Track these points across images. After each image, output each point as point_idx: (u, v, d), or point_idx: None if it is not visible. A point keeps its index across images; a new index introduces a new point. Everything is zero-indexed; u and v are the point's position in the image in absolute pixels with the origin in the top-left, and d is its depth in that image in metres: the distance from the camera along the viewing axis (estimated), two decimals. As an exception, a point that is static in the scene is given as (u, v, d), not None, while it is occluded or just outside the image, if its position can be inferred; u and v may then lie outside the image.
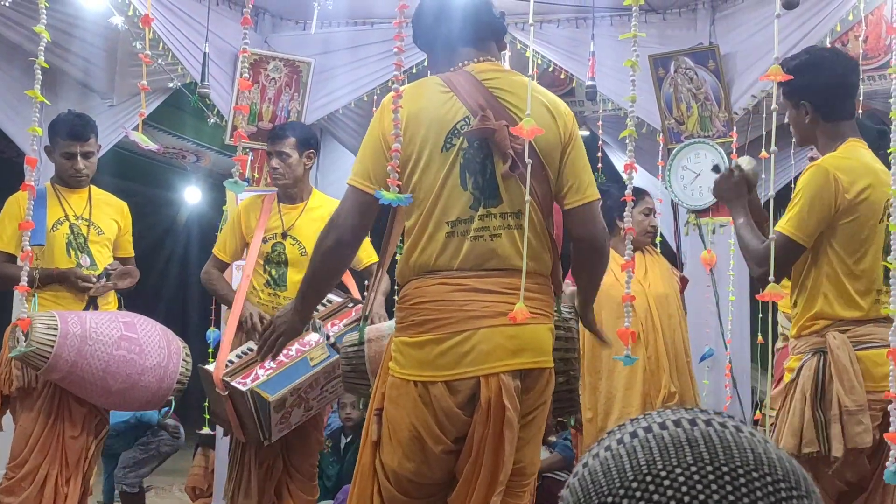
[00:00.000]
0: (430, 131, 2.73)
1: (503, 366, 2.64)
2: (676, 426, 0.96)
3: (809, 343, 3.22)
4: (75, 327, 4.11)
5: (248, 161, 6.41)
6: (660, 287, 4.98)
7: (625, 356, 2.88)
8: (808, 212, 3.12)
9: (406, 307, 2.74)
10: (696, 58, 6.26)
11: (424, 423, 2.64)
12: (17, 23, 6.25)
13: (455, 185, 2.70)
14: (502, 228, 2.70)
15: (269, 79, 6.74)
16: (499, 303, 2.64)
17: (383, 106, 2.79)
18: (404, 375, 2.68)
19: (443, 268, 2.69)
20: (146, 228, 10.64)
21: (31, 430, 4.30)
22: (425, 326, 2.66)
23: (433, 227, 2.70)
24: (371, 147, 2.78)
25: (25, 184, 3.64)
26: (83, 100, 6.96)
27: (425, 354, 2.65)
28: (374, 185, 2.70)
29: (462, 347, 2.62)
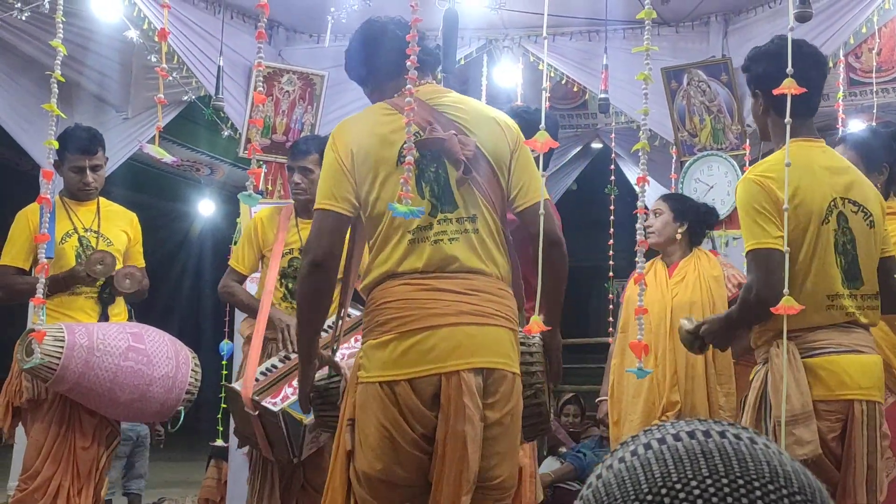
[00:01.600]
0: (383, 149, 2.84)
1: (464, 363, 2.69)
2: (691, 438, 0.95)
3: (762, 354, 3.15)
4: (83, 339, 4.12)
5: (262, 174, 6.43)
6: (686, 295, 4.82)
7: (637, 369, 2.87)
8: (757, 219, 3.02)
9: (370, 311, 2.81)
10: (708, 70, 6.27)
11: (393, 421, 2.68)
12: (32, 36, 6.29)
13: (414, 197, 2.76)
14: (459, 233, 2.80)
15: (283, 92, 6.77)
16: (460, 302, 2.72)
17: (332, 138, 2.94)
18: (370, 379, 2.72)
19: (406, 271, 2.77)
20: (160, 241, 10.71)
21: (43, 442, 4.32)
22: (388, 325, 2.73)
23: (397, 237, 2.79)
24: (329, 170, 2.88)
25: (41, 196, 3.67)
26: (98, 113, 7.00)
27: (389, 353, 2.70)
28: (339, 204, 2.83)
29: (424, 345, 2.69)
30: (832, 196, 3.09)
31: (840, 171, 3.19)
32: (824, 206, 3.08)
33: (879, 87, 5.78)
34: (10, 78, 6.56)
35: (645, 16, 2.92)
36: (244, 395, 4.17)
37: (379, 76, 3.11)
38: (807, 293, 3.02)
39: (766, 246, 3.00)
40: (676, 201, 5.07)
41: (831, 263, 3.08)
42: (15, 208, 4.60)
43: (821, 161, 3.17)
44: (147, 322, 4.60)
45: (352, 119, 3.05)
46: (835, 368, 3.02)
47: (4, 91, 6.55)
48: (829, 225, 3.08)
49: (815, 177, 3.10)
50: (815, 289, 3.05)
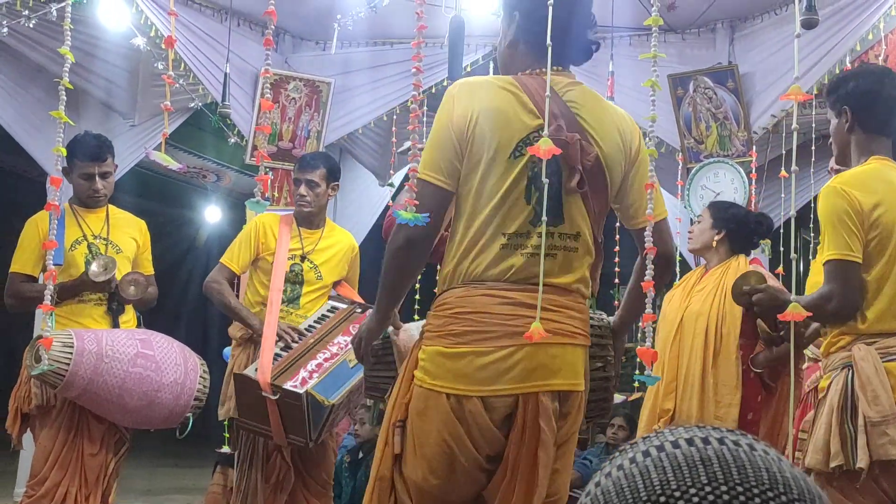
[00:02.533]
0: (502, 134, 2.57)
1: (543, 386, 2.54)
2: (689, 445, 0.95)
3: (838, 359, 3.17)
4: (91, 345, 4.12)
5: (269, 181, 6.44)
6: (698, 305, 4.84)
7: (646, 376, 2.87)
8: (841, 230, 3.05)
9: (445, 315, 2.58)
10: (715, 77, 6.27)
11: (457, 438, 2.51)
12: (39, 44, 6.32)
13: (519, 198, 2.57)
14: (558, 249, 2.60)
15: (290, 99, 6.79)
16: (545, 320, 2.49)
17: (452, 96, 2.63)
18: (435, 387, 2.54)
19: (490, 279, 2.57)
20: (167, 247, 10.72)
21: (51, 448, 4.32)
22: (466, 338, 2.53)
23: (489, 236, 2.57)
24: (441, 139, 2.60)
25: (50, 203, 3.67)
26: (105, 120, 7.03)
27: (463, 367, 2.51)
28: (446, 180, 2.58)
29: (504, 363, 2.51)
30: None
31: None
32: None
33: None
34: (17, 85, 6.59)
35: (652, 23, 2.91)
36: (262, 379, 4.21)
37: (525, 38, 2.72)
38: (885, 300, 3.10)
39: (848, 258, 3.03)
40: (718, 209, 5.00)
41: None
42: (23, 216, 4.61)
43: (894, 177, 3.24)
44: (154, 328, 4.61)
45: (477, 83, 2.68)
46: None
47: (12, 99, 6.58)
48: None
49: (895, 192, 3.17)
50: (893, 297, 3.11)
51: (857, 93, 3.25)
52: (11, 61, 6.51)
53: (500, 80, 2.68)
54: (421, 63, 2.91)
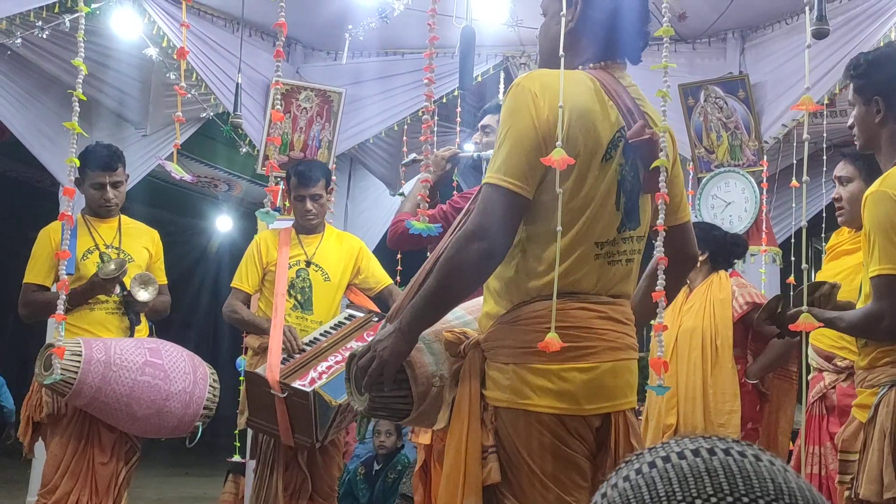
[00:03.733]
0: (594, 136, 2.37)
1: (628, 402, 2.44)
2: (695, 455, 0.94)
3: (886, 374, 2.92)
4: (100, 353, 4.14)
5: (280, 191, 6.46)
6: (691, 321, 4.95)
7: (657, 385, 2.86)
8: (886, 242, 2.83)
9: (540, 331, 2.33)
10: (725, 87, 6.27)
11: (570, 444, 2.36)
12: (53, 54, 6.36)
13: (611, 204, 2.40)
14: (636, 254, 2.49)
15: (301, 108, 6.81)
16: (625, 335, 2.44)
17: (532, 93, 2.35)
18: (535, 407, 2.35)
19: (584, 291, 2.40)
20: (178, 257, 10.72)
21: (62, 456, 4.33)
22: (567, 354, 2.32)
23: (584, 246, 2.39)
24: (524, 141, 2.32)
25: (63, 213, 3.68)
26: (117, 130, 7.06)
27: (564, 384, 2.35)
28: (528, 188, 2.32)
29: (602, 380, 2.37)
30: None
31: None
32: None
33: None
34: (30, 96, 6.63)
35: (663, 33, 2.91)
36: (271, 377, 4.26)
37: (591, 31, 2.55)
38: None
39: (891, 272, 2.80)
40: (702, 230, 5.07)
41: None
42: (35, 225, 4.64)
43: None
44: (165, 337, 4.62)
45: (556, 78, 2.37)
46: None
47: (25, 109, 6.61)
48: None
49: None
50: None
51: (891, 79, 3.01)
52: (25, 72, 6.55)
53: (579, 74, 2.46)
54: (432, 73, 2.91)
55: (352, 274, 4.95)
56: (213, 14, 6.56)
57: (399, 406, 2.53)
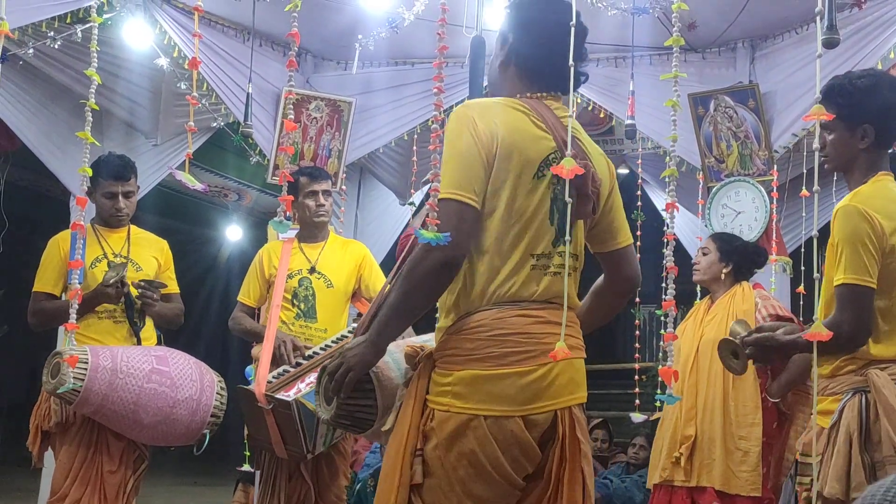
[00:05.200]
0: (526, 154, 2.56)
1: (575, 399, 2.60)
2: None
3: (848, 382, 3.06)
4: (106, 361, 4.14)
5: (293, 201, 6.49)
6: (713, 333, 4.93)
7: (667, 395, 2.86)
8: (862, 255, 2.95)
9: (482, 338, 2.53)
10: (735, 96, 6.27)
11: (494, 459, 2.49)
12: (65, 65, 6.39)
13: (545, 219, 2.58)
14: (572, 269, 2.63)
15: (311, 118, 6.83)
16: (569, 336, 2.57)
17: (470, 116, 2.59)
18: (470, 410, 2.49)
19: (523, 299, 2.56)
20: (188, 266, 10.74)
21: (71, 465, 4.34)
22: (508, 359, 2.51)
23: (521, 258, 2.56)
24: (468, 156, 2.53)
25: (75, 223, 3.70)
26: (128, 139, 7.09)
27: (506, 388, 2.50)
28: (477, 199, 2.51)
29: (543, 381, 2.52)
30: None
31: None
32: None
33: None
34: (42, 106, 6.66)
35: (673, 43, 2.92)
36: (257, 391, 4.30)
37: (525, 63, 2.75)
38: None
39: (866, 283, 2.94)
40: (724, 241, 5.23)
41: None
42: (46, 234, 4.65)
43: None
44: (174, 346, 4.63)
45: (491, 103, 2.66)
46: None
47: (37, 118, 6.64)
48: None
49: None
50: None
51: (883, 108, 3.12)
52: (37, 82, 6.58)
53: (510, 101, 2.67)
54: (442, 83, 2.92)
55: (356, 280, 4.96)
56: (224, 24, 6.58)
57: (363, 416, 2.67)
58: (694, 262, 5.24)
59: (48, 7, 5.62)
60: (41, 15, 5.67)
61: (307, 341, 4.77)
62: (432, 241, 2.43)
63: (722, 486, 4.75)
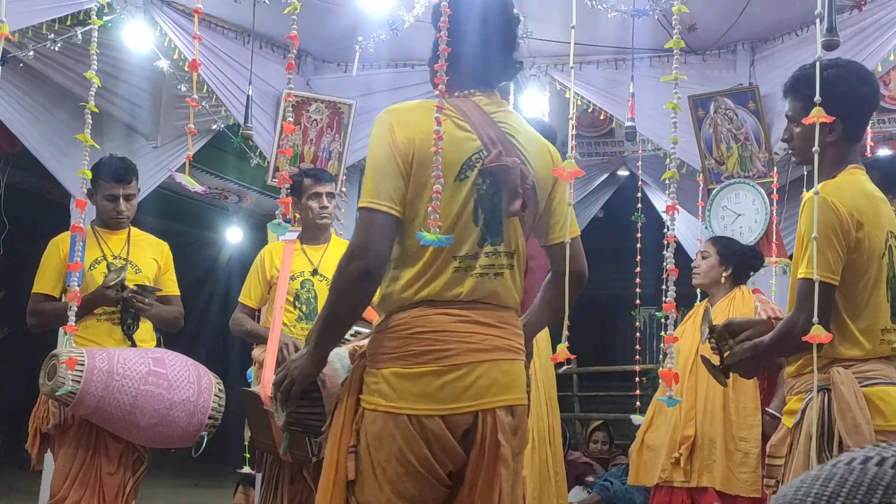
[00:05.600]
0: (447, 157, 2.56)
1: (499, 401, 2.57)
2: None
3: (812, 381, 2.98)
4: (102, 363, 4.14)
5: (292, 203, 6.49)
6: None
7: (668, 397, 2.86)
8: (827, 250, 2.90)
9: (402, 336, 2.57)
10: (735, 98, 6.27)
11: (421, 457, 2.52)
12: (65, 67, 6.39)
13: (469, 220, 2.60)
14: (505, 268, 2.64)
15: (311, 120, 6.83)
16: (496, 336, 2.59)
17: (388, 122, 2.60)
18: (394, 408, 2.53)
19: (446, 300, 2.58)
20: (188, 268, 10.74)
21: (70, 467, 4.35)
22: (425, 357, 2.54)
23: (442, 260, 2.58)
24: (384, 165, 2.56)
25: (74, 225, 3.70)
26: (128, 141, 7.09)
27: (423, 387, 2.52)
28: (394, 206, 2.54)
29: (463, 381, 2.53)
30: (888, 229, 3.03)
31: (885, 201, 3.12)
32: (883, 239, 3.01)
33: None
34: (42, 108, 6.66)
35: (673, 45, 2.92)
36: (263, 393, 4.27)
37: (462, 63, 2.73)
38: (865, 325, 2.99)
39: (828, 280, 2.89)
40: (724, 245, 5.25)
41: (884, 297, 3.03)
42: (46, 236, 4.65)
43: (873, 190, 3.09)
44: (174, 348, 4.63)
45: (412, 108, 2.68)
46: (888, 399, 2.96)
47: (37, 121, 6.64)
48: (885, 259, 3.02)
49: (877, 207, 3.03)
50: (873, 321, 3.00)
51: (851, 100, 3.06)
52: (37, 84, 6.58)
53: (433, 103, 2.65)
54: (443, 85, 2.92)
55: None
56: (224, 26, 6.59)
57: (312, 422, 2.76)
58: (693, 266, 5.25)
59: (48, 9, 5.62)
60: (41, 17, 5.67)
61: None
62: (434, 243, 2.47)
63: (722, 487, 4.76)
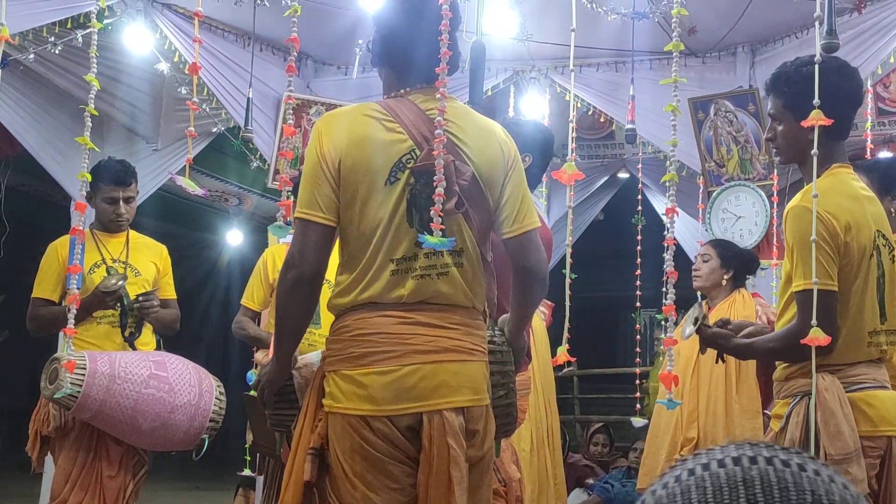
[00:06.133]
0: (374, 162, 2.58)
1: (446, 403, 2.55)
2: (735, 464, 0.92)
3: (798, 386, 2.98)
4: (104, 366, 4.14)
5: (292, 205, 6.48)
6: None
7: (667, 400, 2.86)
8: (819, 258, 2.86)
9: (344, 339, 2.61)
10: (735, 101, 6.27)
11: (381, 448, 2.53)
12: (65, 70, 6.39)
13: (402, 223, 2.58)
14: (450, 266, 2.61)
15: (312, 123, 6.83)
16: (442, 337, 2.57)
17: (319, 131, 2.63)
18: (344, 410, 2.56)
19: (387, 302, 2.59)
20: (188, 271, 10.75)
21: (70, 470, 4.34)
22: (367, 359, 2.55)
23: (379, 263, 2.59)
24: (312, 174, 2.60)
25: (74, 228, 3.70)
26: (128, 144, 7.09)
27: (366, 389, 2.53)
28: (325, 215, 2.58)
29: (405, 382, 2.53)
30: (874, 228, 3.00)
31: (873, 200, 3.08)
32: (870, 240, 2.98)
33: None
34: (43, 111, 6.66)
35: (673, 48, 2.92)
36: None
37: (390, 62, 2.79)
38: (853, 328, 2.95)
39: (826, 287, 2.86)
40: (724, 248, 5.27)
41: (873, 299, 2.99)
42: (46, 239, 4.65)
43: (860, 190, 3.06)
44: (175, 351, 4.63)
45: (341, 115, 2.70)
46: (876, 403, 2.93)
47: (38, 123, 6.64)
48: (873, 259, 2.99)
49: (862, 208, 2.99)
50: (861, 325, 2.96)
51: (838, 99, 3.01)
52: (37, 87, 6.58)
53: (364, 107, 2.69)
54: (443, 88, 2.92)
55: None
56: (224, 29, 6.59)
57: (291, 422, 2.80)
58: (694, 269, 5.25)
59: (49, 12, 5.63)
60: (42, 20, 5.67)
61: (311, 346, 4.76)
62: (436, 246, 2.47)
63: (725, 489, 4.76)
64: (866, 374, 2.97)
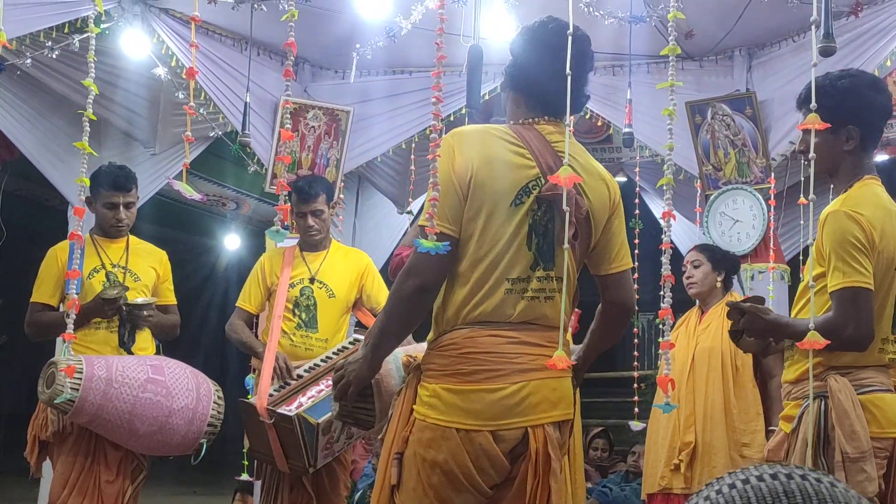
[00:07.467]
0: (503, 182, 2.68)
1: (548, 417, 2.66)
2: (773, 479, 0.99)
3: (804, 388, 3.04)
4: (101, 371, 4.14)
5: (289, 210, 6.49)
6: (708, 342, 4.99)
7: (664, 403, 2.86)
8: (857, 257, 2.93)
9: (453, 355, 2.68)
10: (733, 104, 6.27)
11: (464, 468, 2.61)
12: (63, 75, 6.40)
13: (522, 245, 2.69)
14: (555, 291, 2.72)
15: (309, 127, 6.83)
16: (544, 356, 2.64)
17: (451, 146, 2.71)
18: (443, 422, 2.64)
19: (497, 321, 2.67)
20: (186, 275, 10.74)
21: (68, 474, 4.34)
22: (476, 377, 2.64)
23: (494, 281, 2.67)
24: (444, 186, 2.67)
25: (73, 233, 3.70)
26: (126, 149, 7.09)
27: (473, 404, 2.62)
28: (453, 227, 2.66)
29: (512, 399, 2.62)
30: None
31: None
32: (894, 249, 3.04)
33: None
34: (40, 115, 6.67)
35: (669, 52, 2.93)
36: (259, 405, 4.31)
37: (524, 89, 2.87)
38: None
39: (864, 285, 2.92)
40: (712, 252, 5.32)
41: (890, 308, 3.08)
42: (44, 244, 4.65)
43: (888, 203, 3.11)
44: (173, 356, 4.62)
45: (473, 133, 2.79)
46: (883, 406, 3.01)
47: (35, 128, 6.65)
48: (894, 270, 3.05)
49: (892, 220, 3.05)
50: (878, 331, 3.02)
51: (870, 111, 3.11)
52: (34, 91, 6.59)
53: (496, 129, 2.78)
54: (440, 92, 2.92)
55: (358, 290, 4.96)
56: (222, 34, 6.59)
57: (363, 417, 2.92)
58: (686, 276, 5.26)
59: (46, 17, 5.63)
60: (39, 25, 5.67)
61: (308, 351, 4.77)
62: (431, 250, 2.49)
63: (724, 494, 4.76)
64: (874, 377, 3.04)
